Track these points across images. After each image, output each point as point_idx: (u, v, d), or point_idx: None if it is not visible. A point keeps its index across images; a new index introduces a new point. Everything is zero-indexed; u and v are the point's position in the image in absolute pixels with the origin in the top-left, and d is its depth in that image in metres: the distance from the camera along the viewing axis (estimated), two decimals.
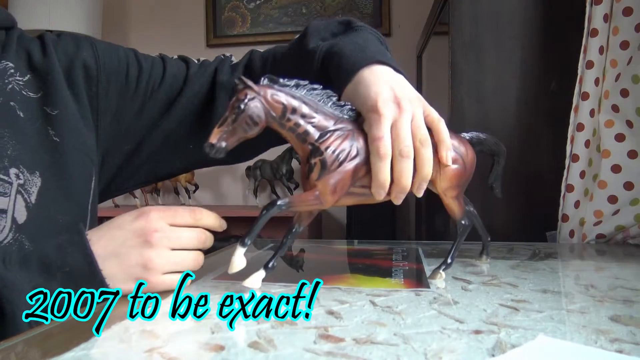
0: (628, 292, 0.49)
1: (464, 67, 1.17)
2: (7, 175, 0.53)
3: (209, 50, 2.43)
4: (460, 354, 0.32)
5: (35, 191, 0.55)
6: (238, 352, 0.33)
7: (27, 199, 0.54)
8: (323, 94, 0.49)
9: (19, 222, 0.53)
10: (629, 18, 0.89)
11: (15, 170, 0.54)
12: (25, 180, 0.54)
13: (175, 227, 0.50)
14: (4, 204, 0.52)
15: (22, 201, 0.54)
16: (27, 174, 0.55)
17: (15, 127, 0.56)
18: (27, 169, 0.55)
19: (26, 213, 0.54)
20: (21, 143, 0.55)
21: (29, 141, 0.56)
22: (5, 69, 0.58)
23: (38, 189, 0.55)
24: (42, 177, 0.56)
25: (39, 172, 0.56)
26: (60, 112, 0.60)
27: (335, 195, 0.48)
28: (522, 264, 0.65)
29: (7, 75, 0.57)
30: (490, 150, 0.60)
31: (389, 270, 0.60)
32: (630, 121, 0.88)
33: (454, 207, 0.54)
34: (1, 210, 0.52)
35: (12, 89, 0.57)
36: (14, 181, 0.53)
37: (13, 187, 0.53)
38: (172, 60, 0.70)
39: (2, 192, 0.52)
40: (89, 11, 2.09)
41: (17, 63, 0.59)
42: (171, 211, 0.51)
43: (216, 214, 0.53)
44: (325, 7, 2.34)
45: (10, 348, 0.35)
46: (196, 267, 0.51)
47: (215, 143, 0.44)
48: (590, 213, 0.92)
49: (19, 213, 0.53)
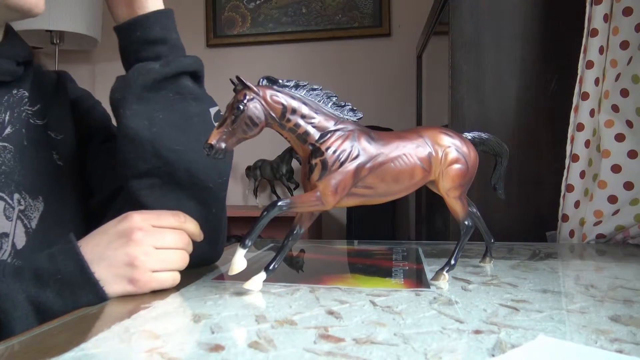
0: (628, 292, 0.49)
1: (464, 67, 1.17)
2: (12, 200, 0.54)
3: (209, 50, 2.43)
4: (460, 354, 0.32)
5: (37, 216, 0.56)
6: (238, 352, 0.33)
7: (27, 225, 0.55)
8: (323, 94, 0.49)
9: (17, 248, 0.53)
10: (629, 18, 0.89)
11: (17, 196, 0.55)
12: (27, 206, 0.55)
13: (158, 228, 0.50)
14: (7, 227, 0.53)
15: (22, 227, 0.54)
16: (29, 200, 0.56)
17: (23, 153, 0.57)
18: (29, 195, 0.56)
19: (25, 239, 0.54)
20: (25, 168, 0.56)
21: (34, 167, 0.58)
22: (22, 97, 0.60)
23: (40, 213, 0.56)
24: (45, 202, 0.57)
25: (42, 197, 0.57)
26: (64, 138, 0.63)
27: (336, 196, 0.48)
28: (522, 264, 0.65)
29: (22, 104, 0.60)
30: (493, 151, 0.60)
31: (389, 270, 0.60)
32: (630, 121, 0.88)
33: (457, 207, 0.54)
34: (4, 234, 0.53)
35: (25, 117, 0.59)
36: (15, 206, 0.54)
37: (14, 212, 0.54)
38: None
39: (7, 216, 0.53)
40: (89, 11, 2.09)
41: (31, 93, 0.61)
42: (154, 214, 0.51)
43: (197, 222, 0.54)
44: (325, 7, 2.34)
45: (10, 348, 0.35)
46: (183, 266, 0.52)
47: (214, 144, 0.44)
48: (590, 213, 0.92)
49: (18, 238, 0.54)
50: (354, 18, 2.32)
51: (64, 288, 0.44)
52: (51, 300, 0.44)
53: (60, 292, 0.44)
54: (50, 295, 0.44)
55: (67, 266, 0.45)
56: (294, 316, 0.41)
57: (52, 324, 0.40)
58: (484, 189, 0.64)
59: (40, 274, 0.45)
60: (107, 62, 2.50)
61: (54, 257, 0.46)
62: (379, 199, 0.52)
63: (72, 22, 2.03)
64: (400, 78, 2.24)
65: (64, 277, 0.45)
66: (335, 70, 2.31)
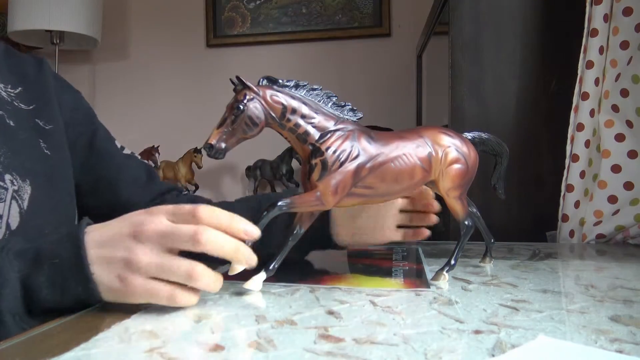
0: (628, 292, 0.49)
1: (464, 67, 1.17)
2: (3, 181, 0.53)
3: (209, 50, 2.43)
4: (460, 354, 0.32)
5: (27, 198, 0.55)
6: (238, 352, 0.33)
7: (20, 205, 0.54)
8: (323, 94, 0.49)
9: (12, 228, 0.53)
10: (629, 18, 0.89)
11: (9, 177, 0.54)
12: (19, 186, 0.54)
13: (179, 225, 0.42)
14: (0, 209, 0.52)
15: (17, 207, 0.54)
16: (19, 181, 0.55)
17: (6, 136, 0.56)
18: (20, 176, 0.55)
19: (19, 219, 0.53)
20: (12, 151, 0.56)
21: (21, 150, 0.57)
22: None
23: (29, 196, 0.55)
24: (32, 186, 0.56)
25: (29, 181, 0.56)
26: (54, 128, 0.62)
27: (336, 196, 0.48)
28: (522, 264, 0.65)
29: None
30: (493, 151, 0.60)
31: (389, 270, 0.60)
32: (630, 121, 0.88)
33: (457, 207, 0.54)
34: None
35: (2, 98, 0.58)
36: (9, 187, 0.53)
37: (8, 193, 0.53)
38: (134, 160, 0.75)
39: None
40: (89, 11, 2.09)
41: (6, 75, 0.60)
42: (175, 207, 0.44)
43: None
44: (325, 7, 2.34)
45: (10, 348, 0.35)
46: (188, 280, 0.42)
47: (214, 144, 0.44)
48: (590, 213, 0.92)
49: (12, 219, 0.53)
50: (353, 18, 2.32)
51: (57, 273, 0.42)
52: (40, 285, 0.41)
53: (52, 277, 0.42)
54: (42, 280, 0.41)
55: (66, 251, 0.42)
56: (294, 316, 0.41)
57: (52, 324, 0.40)
58: (484, 189, 0.64)
59: (41, 255, 0.42)
60: (107, 62, 2.50)
61: (59, 240, 0.43)
62: (379, 199, 0.52)
63: (72, 22, 2.02)
64: (400, 78, 2.24)
65: (61, 262, 0.42)
66: (335, 70, 2.31)
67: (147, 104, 2.45)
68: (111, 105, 2.42)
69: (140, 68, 2.47)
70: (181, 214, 0.43)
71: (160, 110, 2.44)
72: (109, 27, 2.35)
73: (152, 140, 2.22)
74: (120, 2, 2.50)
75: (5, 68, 0.60)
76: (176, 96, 2.44)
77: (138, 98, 2.46)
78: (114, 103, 2.44)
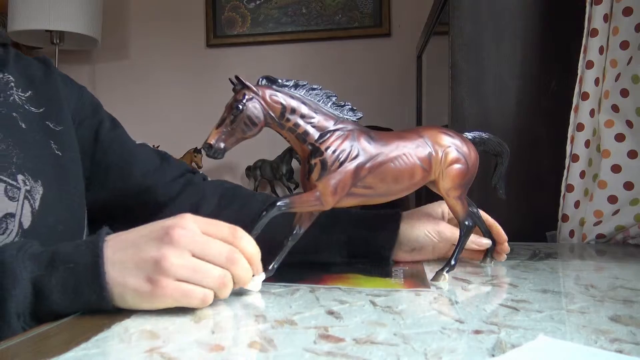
0: (628, 292, 0.49)
1: (464, 67, 1.17)
2: (16, 181, 0.54)
3: (209, 50, 2.43)
4: (460, 354, 0.32)
5: (39, 198, 0.56)
6: (238, 352, 0.33)
7: (32, 205, 0.55)
8: (322, 94, 0.49)
9: (24, 227, 0.53)
10: (629, 18, 0.89)
11: (22, 177, 0.55)
12: (31, 186, 0.55)
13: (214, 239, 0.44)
14: (13, 208, 0.53)
15: (29, 206, 0.54)
16: (31, 181, 0.56)
17: (18, 137, 0.57)
18: (32, 177, 0.56)
19: (31, 218, 0.54)
20: (24, 152, 0.57)
21: (32, 151, 0.58)
22: (7, 81, 0.60)
23: (40, 196, 0.56)
24: (44, 186, 0.57)
25: (41, 181, 0.57)
26: (64, 129, 0.63)
27: (336, 196, 0.48)
28: (522, 264, 0.65)
29: (8, 88, 0.59)
30: (494, 151, 0.59)
31: (389, 270, 0.60)
32: (630, 121, 0.88)
33: (457, 207, 0.54)
34: (10, 215, 0.52)
35: (14, 102, 0.59)
36: (22, 187, 0.54)
37: (21, 193, 0.54)
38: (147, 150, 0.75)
39: (11, 197, 0.53)
40: (89, 11, 2.09)
41: (17, 78, 0.61)
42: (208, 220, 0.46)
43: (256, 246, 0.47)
44: (325, 7, 2.34)
45: (10, 348, 0.35)
46: (218, 287, 0.43)
47: (213, 143, 0.44)
48: (590, 213, 0.92)
49: (25, 218, 0.53)
50: (353, 18, 2.32)
51: (70, 278, 0.42)
52: (52, 288, 0.41)
53: (65, 281, 0.42)
54: (54, 283, 0.41)
55: (83, 257, 0.42)
56: (294, 316, 0.41)
57: (52, 324, 0.40)
58: (484, 189, 0.64)
59: (56, 258, 0.42)
60: (107, 62, 2.50)
61: (79, 245, 0.43)
62: (379, 199, 0.52)
63: (72, 22, 2.03)
64: (400, 78, 2.24)
65: (76, 267, 0.42)
66: (335, 70, 2.31)
67: (147, 104, 2.45)
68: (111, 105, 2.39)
69: (140, 68, 2.47)
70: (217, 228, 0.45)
71: (160, 110, 2.44)
72: (109, 27, 2.35)
73: (152, 140, 2.22)
74: (120, 2, 2.50)
75: (16, 73, 0.62)
76: (176, 96, 2.44)
77: (138, 98, 2.46)
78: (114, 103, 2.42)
